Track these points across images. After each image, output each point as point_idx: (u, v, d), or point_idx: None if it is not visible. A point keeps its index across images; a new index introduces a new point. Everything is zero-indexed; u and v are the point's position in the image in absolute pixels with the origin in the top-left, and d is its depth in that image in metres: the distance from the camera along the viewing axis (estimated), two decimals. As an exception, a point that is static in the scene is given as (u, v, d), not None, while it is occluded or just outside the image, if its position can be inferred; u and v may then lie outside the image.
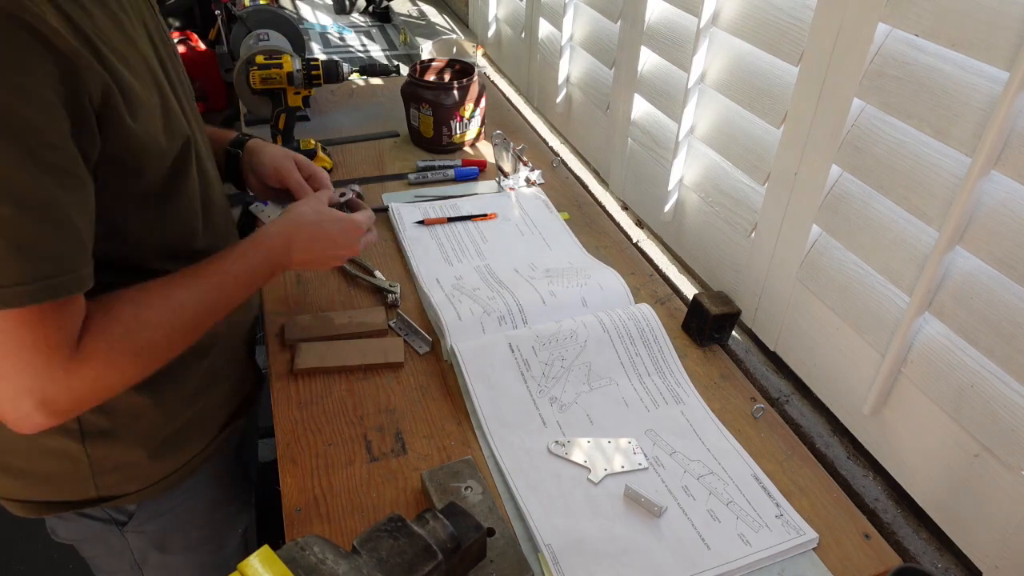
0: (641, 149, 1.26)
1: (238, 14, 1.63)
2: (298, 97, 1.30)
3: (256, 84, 1.28)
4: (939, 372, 0.74)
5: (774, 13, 0.89)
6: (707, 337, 1.00)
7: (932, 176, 0.71)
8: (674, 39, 1.09)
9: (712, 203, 1.07)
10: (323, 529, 0.74)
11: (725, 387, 0.95)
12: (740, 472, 0.82)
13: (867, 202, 0.81)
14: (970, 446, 0.72)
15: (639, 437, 0.86)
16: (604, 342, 0.96)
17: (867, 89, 0.76)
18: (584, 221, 1.28)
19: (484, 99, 1.47)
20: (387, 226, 1.24)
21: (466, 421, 0.88)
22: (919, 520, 0.80)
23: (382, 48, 2.07)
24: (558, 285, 1.06)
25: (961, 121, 0.66)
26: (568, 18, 1.45)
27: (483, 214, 1.25)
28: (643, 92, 1.21)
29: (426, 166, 1.41)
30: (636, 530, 0.75)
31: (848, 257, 0.85)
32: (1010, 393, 0.68)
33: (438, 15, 2.34)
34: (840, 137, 0.81)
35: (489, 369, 0.91)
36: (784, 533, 0.75)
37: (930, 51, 0.71)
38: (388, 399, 0.90)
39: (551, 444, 0.84)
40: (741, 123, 1.00)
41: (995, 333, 0.67)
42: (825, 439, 0.90)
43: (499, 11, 1.95)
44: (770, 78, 0.92)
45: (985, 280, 0.69)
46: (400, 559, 0.59)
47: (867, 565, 0.74)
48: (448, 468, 0.78)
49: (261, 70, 1.26)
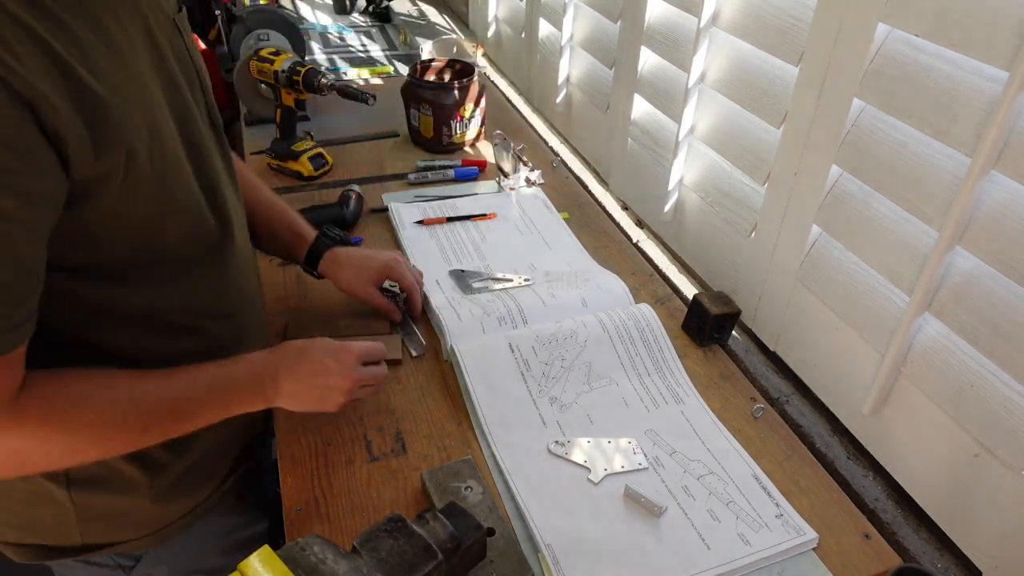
0: (641, 149, 1.26)
1: (238, 14, 1.63)
2: (290, 97, 1.31)
3: (254, 73, 1.33)
4: (939, 372, 0.74)
5: (774, 13, 0.89)
6: (707, 337, 1.00)
7: (932, 176, 0.71)
8: (674, 39, 1.09)
9: (712, 203, 1.07)
10: (323, 529, 0.74)
11: (725, 387, 0.95)
12: (740, 472, 0.82)
13: (867, 202, 0.81)
14: (970, 446, 0.72)
15: (639, 437, 0.86)
16: (604, 342, 0.96)
17: (867, 89, 0.76)
18: (584, 221, 1.28)
19: (484, 99, 1.47)
20: (387, 226, 1.24)
21: (466, 421, 0.88)
22: (919, 520, 0.80)
23: (382, 48, 2.07)
24: (558, 287, 1.06)
25: (961, 121, 0.66)
26: (568, 18, 1.45)
27: (483, 214, 1.25)
28: (643, 92, 1.21)
29: (426, 166, 1.41)
30: (636, 530, 0.75)
31: (848, 257, 0.85)
32: (1010, 393, 0.68)
33: (438, 15, 2.34)
34: (840, 137, 0.81)
35: (489, 369, 0.91)
36: (784, 533, 0.75)
37: (930, 51, 0.71)
38: (388, 399, 0.90)
39: (551, 444, 0.84)
40: (741, 123, 1.00)
41: (995, 333, 0.67)
42: (825, 439, 0.90)
43: (499, 11, 1.95)
44: (770, 78, 0.92)
45: (985, 280, 0.69)
46: (400, 559, 0.59)
47: (867, 565, 0.74)
48: (448, 468, 0.78)
49: (260, 62, 1.30)
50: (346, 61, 1.95)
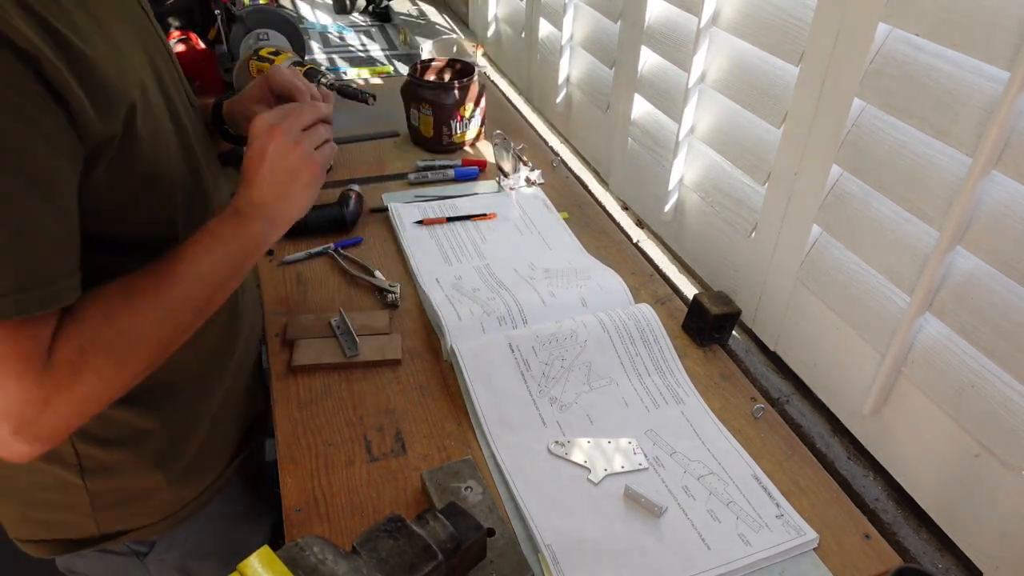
0: (641, 149, 1.26)
1: (238, 14, 1.63)
2: None
3: (253, 73, 1.31)
4: (939, 372, 0.74)
5: (774, 13, 0.89)
6: (707, 337, 1.00)
7: (933, 176, 0.71)
8: (674, 39, 1.09)
9: (712, 203, 1.07)
10: (323, 529, 0.74)
11: (725, 387, 0.95)
12: (740, 472, 0.82)
13: (867, 202, 0.80)
14: (970, 446, 0.72)
15: (639, 437, 0.86)
16: (604, 342, 0.96)
17: (867, 89, 0.76)
18: (584, 221, 1.28)
19: (484, 99, 1.47)
20: (387, 226, 1.24)
21: (466, 421, 0.88)
22: (919, 520, 0.80)
23: (382, 48, 2.07)
24: (558, 286, 1.06)
25: (962, 121, 0.66)
26: (568, 18, 1.45)
27: (483, 214, 1.25)
28: (643, 92, 1.21)
29: (426, 166, 1.41)
30: (636, 530, 0.75)
31: (848, 257, 0.85)
32: (1010, 393, 0.67)
33: (438, 15, 2.34)
34: (840, 137, 0.81)
35: (489, 369, 0.91)
36: (784, 533, 0.75)
37: (931, 51, 0.71)
38: (388, 399, 0.90)
39: (551, 444, 0.84)
40: (741, 123, 1.00)
41: (995, 333, 0.67)
42: (825, 439, 0.90)
43: (499, 11, 1.95)
44: (770, 78, 0.92)
45: (986, 280, 0.69)
46: (400, 559, 0.59)
47: (867, 565, 0.74)
48: (448, 468, 0.78)
49: (260, 62, 1.29)
50: (346, 61, 1.95)
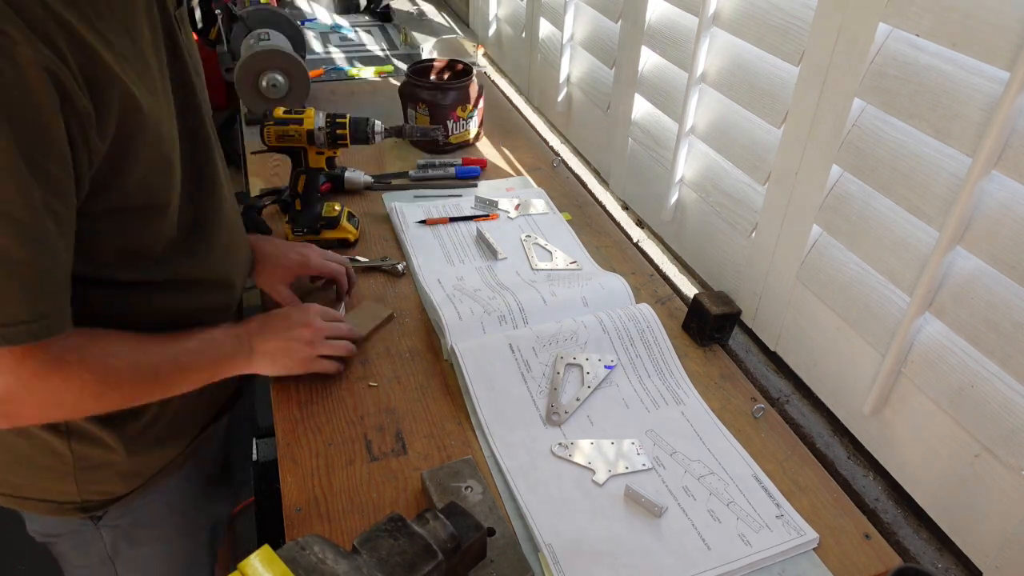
0: (641, 149, 1.26)
1: (238, 13, 1.63)
2: (321, 158, 1.10)
3: (271, 141, 1.09)
4: (939, 372, 0.74)
5: (775, 13, 0.89)
6: (707, 337, 1.00)
7: (933, 176, 0.71)
8: (675, 39, 1.09)
9: (712, 203, 1.07)
10: (323, 529, 0.74)
11: (725, 387, 0.95)
12: (740, 472, 0.82)
13: (868, 202, 0.80)
14: (970, 446, 0.72)
15: (639, 438, 0.86)
16: (604, 343, 0.96)
17: (868, 89, 0.76)
18: (584, 221, 1.28)
19: (483, 99, 1.47)
20: (389, 226, 1.24)
21: (466, 421, 0.88)
22: (919, 520, 0.80)
23: (382, 47, 2.07)
24: (560, 285, 1.06)
25: (962, 121, 0.66)
26: (569, 17, 1.45)
27: (485, 214, 1.25)
28: (643, 92, 1.21)
29: (426, 163, 1.41)
30: (636, 530, 0.75)
31: (848, 257, 0.85)
32: (1010, 393, 0.67)
33: (438, 14, 2.34)
34: (841, 137, 0.81)
35: (489, 369, 0.91)
36: (784, 533, 0.75)
37: (931, 51, 0.71)
38: (388, 399, 0.90)
39: (554, 446, 0.84)
40: (741, 123, 1.00)
41: (995, 333, 0.67)
42: (825, 439, 0.90)
43: (499, 10, 1.95)
44: (770, 78, 0.92)
45: (986, 280, 0.69)
46: (400, 559, 0.59)
47: (867, 565, 0.74)
48: (448, 468, 0.78)
49: (278, 126, 1.07)
50: (346, 60, 1.95)
